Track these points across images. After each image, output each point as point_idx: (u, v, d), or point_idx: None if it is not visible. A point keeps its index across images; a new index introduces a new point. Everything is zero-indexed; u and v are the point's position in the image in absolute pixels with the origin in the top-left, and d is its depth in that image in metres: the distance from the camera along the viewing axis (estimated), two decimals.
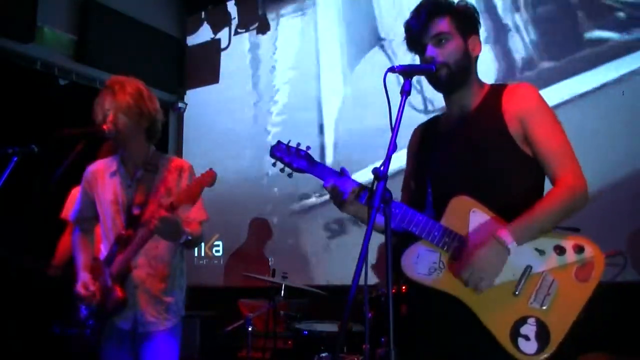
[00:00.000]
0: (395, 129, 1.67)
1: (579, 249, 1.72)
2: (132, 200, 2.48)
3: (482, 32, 2.00)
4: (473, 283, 1.71)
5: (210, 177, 2.24)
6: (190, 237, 2.39)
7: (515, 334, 1.69)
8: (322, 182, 1.90)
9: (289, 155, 1.93)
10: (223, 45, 6.05)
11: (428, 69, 1.83)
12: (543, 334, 1.67)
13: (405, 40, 1.96)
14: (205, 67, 6.09)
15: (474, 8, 1.97)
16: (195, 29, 6.27)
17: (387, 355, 1.58)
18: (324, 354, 3.32)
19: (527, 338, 1.68)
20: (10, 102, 4.41)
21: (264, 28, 5.79)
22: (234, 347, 4.20)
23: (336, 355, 2.68)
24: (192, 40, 6.27)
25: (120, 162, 2.59)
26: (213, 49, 6.09)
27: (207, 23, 6.20)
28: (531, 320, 1.69)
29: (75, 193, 3.83)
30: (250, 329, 3.58)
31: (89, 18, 5.11)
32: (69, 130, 2.35)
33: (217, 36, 6.11)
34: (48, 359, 3.55)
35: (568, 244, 1.74)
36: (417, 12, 1.92)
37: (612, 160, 3.82)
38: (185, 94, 6.20)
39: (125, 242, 2.43)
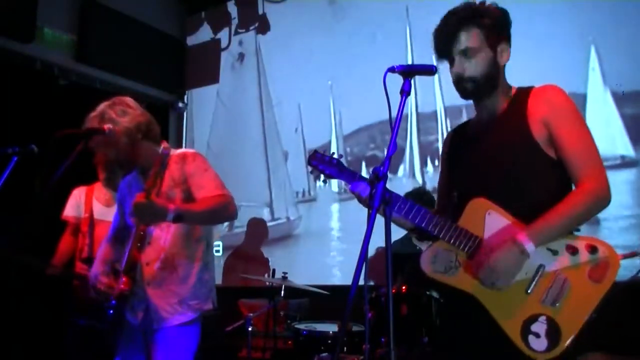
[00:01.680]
0: (394, 129, 1.69)
1: (593, 249, 1.73)
2: None
3: None
4: (489, 283, 1.75)
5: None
6: (181, 213, 2.26)
7: (526, 331, 1.72)
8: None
9: (323, 164, 2.08)
10: (223, 45, 6.06)
11: (429, 69, 1.80)
12: (554, 332, 1.69)
13: (434, 49, 1.96)
14: (205, 67, 6.10)
15: (503, 13, 1.93)
16: (195, 29, 6.28)
17: (387, 355, 1.59)
18: (324, 354, 3.32)
19: (537, 335, 1.70)
20: (10, 102, 4.42)
21: (264, 28, 5.79)
22: (234, 347, 4.20)
23: (336, 355, 2.68)
24: (192, 40, 6.27)
25: (137, 173, 2.64)
26: (213, 49, 6.09)
27: (207, 23, 6.21)
28: (542, 319, 1.72)
29: (76, 194, 3.85)
30: (250, 329, 3.58)
31: (89, 18, 5.11)
32: (69, 131, 2.35)
33: (217, 36, 6.11)
34: (69, 350, 3.55)
35: (581, 244, 1.75)
36: (446, 22, 1.91)
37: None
38: (185, 94, 6.21)
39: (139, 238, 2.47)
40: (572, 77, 4.06)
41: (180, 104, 6.13)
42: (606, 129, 3.94)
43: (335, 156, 2.08)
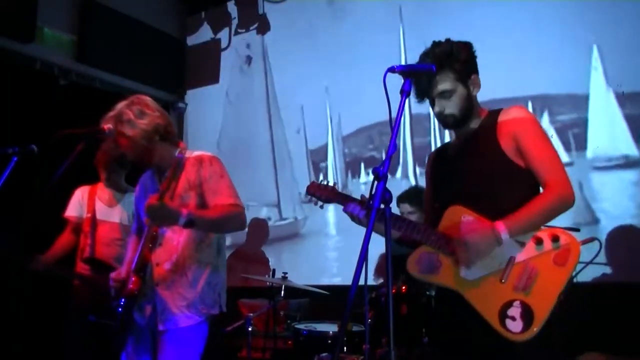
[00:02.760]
0: (394, 129, 1.70)
1: (555, 238, 1.95)
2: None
3: None
4: (464, 260, 1.97)
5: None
6: (193, 219, 2.29)
7: (503, 315, 1.91)
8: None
9: (320, 190, 2.35)
10: (223, 45, 6.06)
11: (428, 69, 1.89)
12: (527, 314, 1.88)
13: (414, 92, 2.14)
14: (205, 67, 6.10)
15: (470, 47, 2.18)
16: (195, 29, 6.27)
17: (387, 355, 1.60)
18: (324, 354, 3.32)
19: (513, 318, 1.89)
20: (10, 102, 4.42)
21: (264, 28, 5.79)
22: (234, 347, 4.20)
23: (336, 355, 2.71)
24: (192, 40, 6.27)
25: (153, 172, 2.64)
26: (213, 49, 6.09)
27: (207, 23, 6.21)
28: (516, 303, 1.91)
29: (79, 193, 3.85)
30: (250, 329, 3.58)
31: (89, 18, 5.11)
32: (69, 131, 2.35)
33: (217, 36, 6.11)
34: (71, 348, 3.56)
35: (545, 234, 1.97)
36: (421, 73, 2.06)
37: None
38: (185, 94, 6.20)
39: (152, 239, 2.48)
40: (574, 77, 4.06)
41: (181, 104, 6.13)
42: (609, 128, 3.93)
43: (331, 184, 2.35)
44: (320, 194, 2.34)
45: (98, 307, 3.00)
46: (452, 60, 2.11)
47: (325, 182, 2.38)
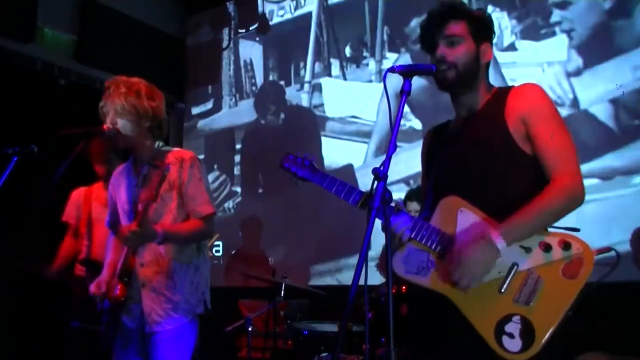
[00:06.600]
0: (395, 129, 1.68)
1: (566, 246, 1.70)
2: (137, 198, 2.51)
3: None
4: (462, 284, 1.72)
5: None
6: (167, 236, 2.36)
7: (499, 331, 1.67)
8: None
9: (295, 166, 2.07)
10: (223, 45, 6.05)
11: (428, 69, 1.82)
12: (528, 332, 1.64)
13: (419, 39, 1.98)
14: (205, 67, 6.10)
15: (490, 17, 1.99)
16: (195, 29, 6.27)
17: (387, 355, 1.59)
18: (324, 354, 3.32)
19: (511, 336, 1.66)
20: (10, 102, 4.42)
21: (264, 28, 5.79)
22: (234, 347, 4.20)
23: (336, 355, 2.67)
24: (192, 40, 6.27)
25: (130, 163, 2.64)
26: (213, 49, 6.09)
27: (207, 23, 6.20)
28: (516, 318, 1.67)
29: (75, 195, 3.83)
30: (250, 329, 3.58)
31: (89, 18, 5.12)
32: (69, 130, 2.35)
33: (217, 36, 6.11)
34: (66, 353, 3.55)
35: (554, 240, 1.72)
36: (433, 13, 1.94)
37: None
38: (185, 94, 6.20)
39: None
40: None
41: (181, 104, 6.13)
42: None
43: (308, 159, 2.07)
44: (296, 169, 2.07)
45: (90, 311, 2.99)
46: (470, 12, 1.92)
47: (304, 155, 2.09)
